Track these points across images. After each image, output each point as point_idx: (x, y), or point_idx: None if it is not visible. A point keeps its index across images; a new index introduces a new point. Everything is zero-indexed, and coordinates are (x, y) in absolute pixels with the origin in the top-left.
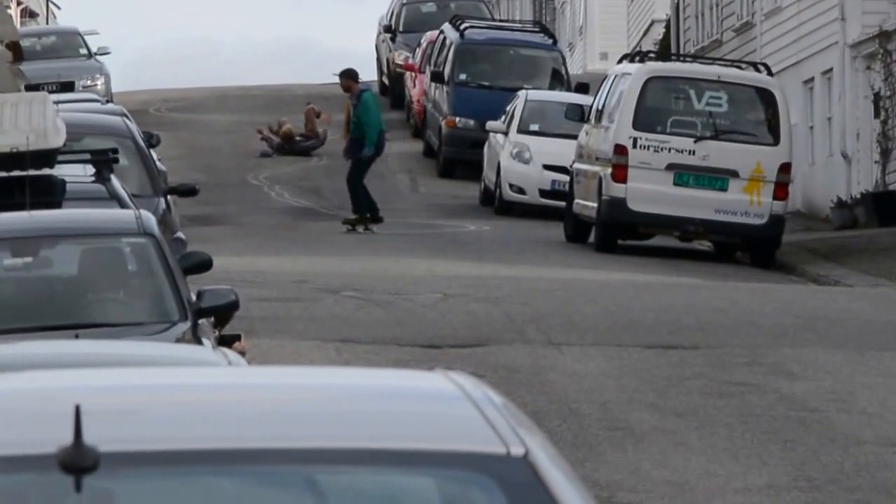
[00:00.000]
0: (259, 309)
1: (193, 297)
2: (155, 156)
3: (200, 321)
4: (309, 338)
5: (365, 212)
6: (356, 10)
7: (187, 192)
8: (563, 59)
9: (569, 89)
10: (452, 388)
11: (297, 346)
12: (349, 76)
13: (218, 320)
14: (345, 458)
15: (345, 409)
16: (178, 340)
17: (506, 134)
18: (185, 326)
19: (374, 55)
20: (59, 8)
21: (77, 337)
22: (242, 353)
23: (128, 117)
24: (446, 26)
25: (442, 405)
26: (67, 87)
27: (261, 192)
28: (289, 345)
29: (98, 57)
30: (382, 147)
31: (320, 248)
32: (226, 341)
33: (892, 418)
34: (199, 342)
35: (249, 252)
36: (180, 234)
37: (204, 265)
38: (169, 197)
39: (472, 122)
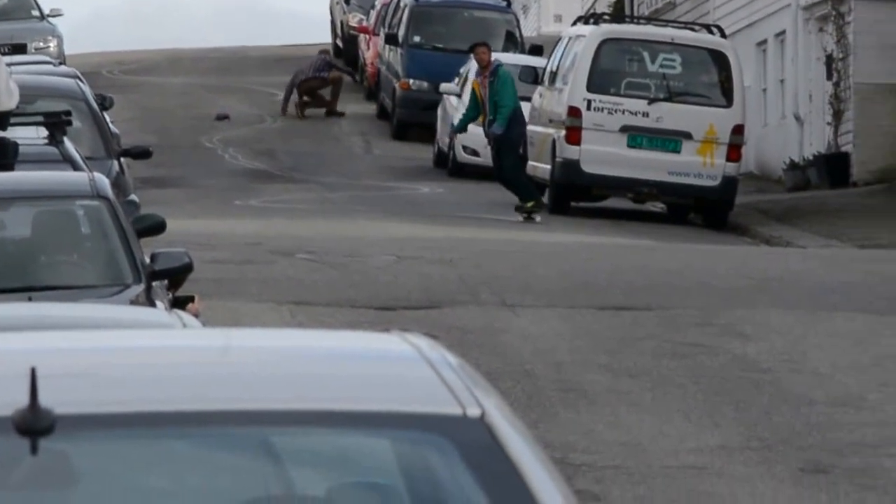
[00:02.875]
0: (213, 271)
1: (147, 260)
2: (108, 118)
3: (154, 283)
4: (263, 300)
5: (539, 195)
6: None
7: (140, 154)
8: (518, 21)
9: (523, 51)
10: (408, 349)
11: (251, 308)
12: (489, 48)
13: (171, 283)
14: (301, 419)
15: (301, 370)
16: (132, 303)
17: (459, 96)
18: (138, 289)
19: (328, 17)
20: None
21: (30, 300)
22: (196, 315)
23: (81, 79)
24: None
25: (398, 366)
26: (19, 49)
27: (214, 154)
28: (243, 307)
29: (50, 19)
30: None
31: (273, 210)
32: (179, 303)
33: (843, 378)
34: (152, 304)
35: (203, 214)
36: (133, 197)
37: (157, 227)
38: (122, 159)
39: (425, 85)
